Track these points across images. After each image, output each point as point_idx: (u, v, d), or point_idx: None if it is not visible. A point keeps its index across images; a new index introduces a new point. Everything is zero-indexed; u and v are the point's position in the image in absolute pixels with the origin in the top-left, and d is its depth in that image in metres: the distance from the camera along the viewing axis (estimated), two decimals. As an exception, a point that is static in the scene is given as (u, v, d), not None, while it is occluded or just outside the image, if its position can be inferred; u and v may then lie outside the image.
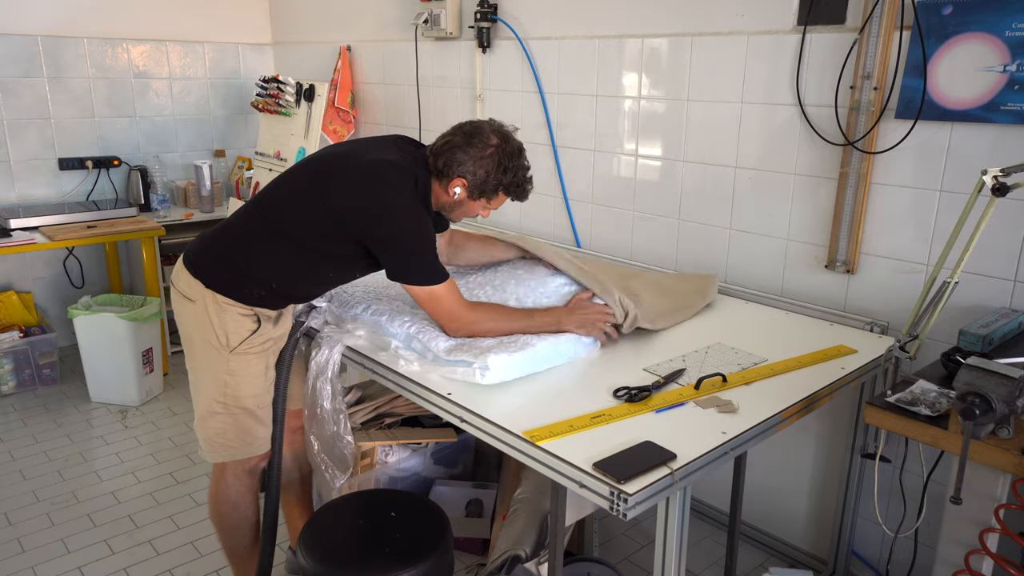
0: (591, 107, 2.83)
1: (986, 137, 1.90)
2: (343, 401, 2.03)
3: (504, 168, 1.90)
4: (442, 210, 1.98)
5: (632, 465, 1.36)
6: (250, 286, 1.92)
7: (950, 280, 1.58)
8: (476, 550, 2.46)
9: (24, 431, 3.32)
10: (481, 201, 1.94)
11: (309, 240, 1.88)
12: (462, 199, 1.92)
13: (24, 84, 3.82)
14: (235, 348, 1.93)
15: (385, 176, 1.85)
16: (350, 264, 1.96)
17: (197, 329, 1.94)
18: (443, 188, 1.91)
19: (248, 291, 1.92)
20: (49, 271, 4.11)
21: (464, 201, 1.93)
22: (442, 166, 1.88)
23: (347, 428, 2.02)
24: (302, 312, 2.13)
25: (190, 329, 1.96)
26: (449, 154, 1.88)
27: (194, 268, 1.94)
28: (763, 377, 1.78)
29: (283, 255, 1.91)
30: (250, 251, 1.92)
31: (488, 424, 1.56)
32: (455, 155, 1.87)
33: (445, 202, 1.94)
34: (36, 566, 2.44)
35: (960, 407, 1.37)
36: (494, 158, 1.89)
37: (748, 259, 2.46)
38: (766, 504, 2.55)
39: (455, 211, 1.97)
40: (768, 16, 2.26)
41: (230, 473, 2.05)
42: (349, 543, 1.90)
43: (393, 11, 3.62)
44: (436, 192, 1.93)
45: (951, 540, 1.55)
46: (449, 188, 1.90)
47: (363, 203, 1.82)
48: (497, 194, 1.94)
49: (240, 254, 1.92)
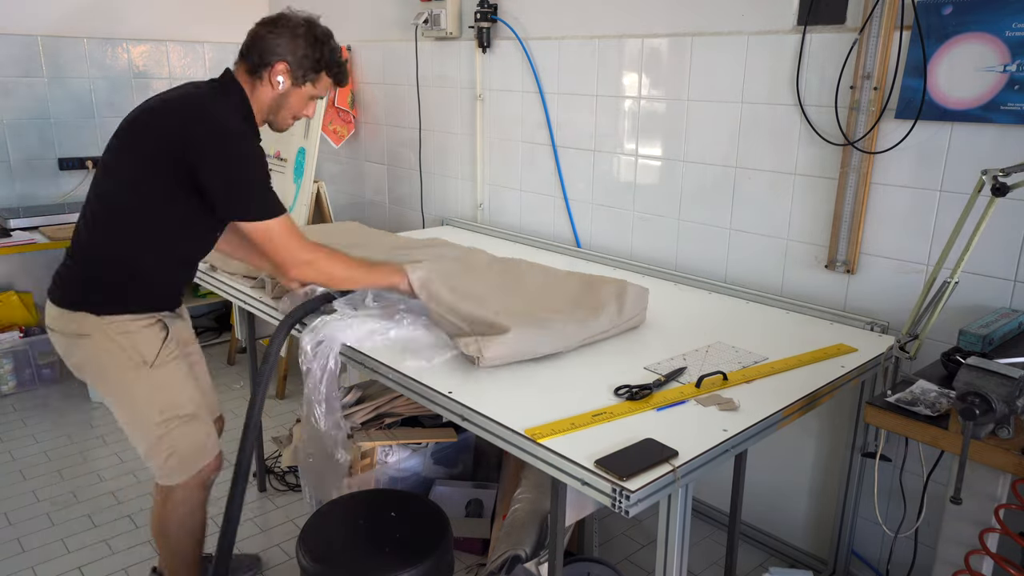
0: (591, 107, 2.83)
1: (986, 137, 1.90)
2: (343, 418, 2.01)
3: (320, 43, 1.86)
4: (270, 115, 1.89)
5: (634, 462, 1.36)
6: (138, 291, 1.85)
7: (950, 280, 1.59)
8: (476, 550, 2.46)
9: (24, 431, 3.31)
10: (307, 88, 1.87)
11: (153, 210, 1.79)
12: (287, 88, 1.85)
13: (24, 84, 3.82)
14: (154, 362, 1.87)
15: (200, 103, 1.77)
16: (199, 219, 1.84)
17: (108, 361, 1.85)
18: (264, 84, 1.84)
19: (140, 297, 1.86)
20: (49, 271, 4.05)
21: (290, 91, 1.86)
22: (257, 58, 1.82)
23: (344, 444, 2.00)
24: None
25: (97, 364, 1.87)
26: (261, 43, 1.82)
27: (74, 303, 1.85)
28: (764, 375, 1.78)
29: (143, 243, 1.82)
30: (115, 258, 1.84)
31: (489, 422, 1.56)
32: (267, 42, 1.82)
33: (270, 101, 1.86)
34: (36, 566, 2.44)
35: (960, 407, 1.37)
36: (307, 36, 1.84)
37: (748, 259, 2.46)
38: (766, 504, 2.56)
39: (283, 109, 1.89)
40: (768, 16, 2.27)
41: (180, 491, 1.96)
42: (349, 543, 1.90)
43: (393, 11, 3.62)
44: (257, 98, 1.85)
45: (951, 540, 1.55)
46: (272, 78, 1.83)
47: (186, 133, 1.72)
48: (320, 75, 1.88)
49: (110, 266, 1.84)
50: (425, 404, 1.74)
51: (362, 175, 4.14)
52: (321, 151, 4.07)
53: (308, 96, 1.91)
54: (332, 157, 4.30)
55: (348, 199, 4.28)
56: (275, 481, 2.93)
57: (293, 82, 1.86)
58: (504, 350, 1.75)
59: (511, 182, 3.23)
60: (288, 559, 2.49)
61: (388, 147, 3.89)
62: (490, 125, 3.26)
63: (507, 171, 3.24)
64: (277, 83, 1.84)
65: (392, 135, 3.83)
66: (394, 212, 3.94)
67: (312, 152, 3.52)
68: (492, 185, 3.33)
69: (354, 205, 4.23)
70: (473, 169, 3.38)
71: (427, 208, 3.69)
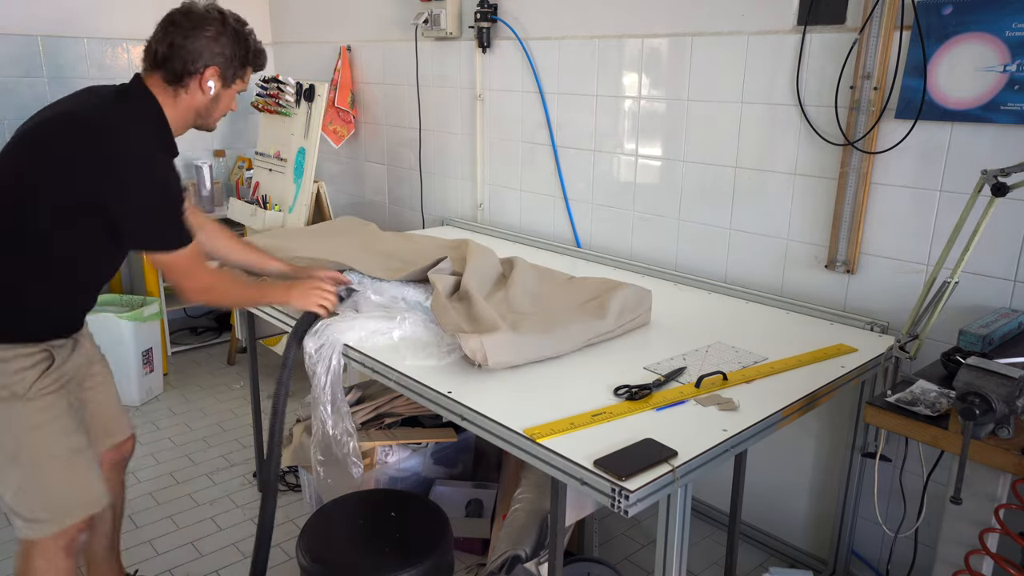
0: (591, 107, 2.83)
1: (986, 137, 1.90)
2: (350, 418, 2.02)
3: (242, 38, 1.77)
4: (198, 120, 1.80)
5: (633, 462, 1.36)
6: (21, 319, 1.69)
7: (950, 280, 1.59)
8: (476, 550, 2.46)
9: (24, 431, 3.31)
10: (236, 85, 1.80)
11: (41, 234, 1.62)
12: (218, 92, 1.76)
13: (24, 84, 3.82)
14: (26, 394, 1.66)
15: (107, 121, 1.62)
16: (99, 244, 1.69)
17: None
18: (192, 92, 1.73)
19: (23, 325, 1.69)
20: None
21: (220, 94, 1.77)
22: (181, 67, 1.68)
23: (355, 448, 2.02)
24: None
25: None
26: (183, 52, 1.68)
27: None
28: (763, 375, 1.78)
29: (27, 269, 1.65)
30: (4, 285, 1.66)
31: (489, 422, 1.56)
32: (190, 49, 1.68)
33: (199, 107, 1.76)
34: (36, 566, 2.44)
35: (960, 407, 1.37)
36: (228, 33, 1.74)
37: (748, 259, 2.46)
38: (766, 504, 2.56)
39: (213, 112, 1.81)
40: (768, 16, 2.26)
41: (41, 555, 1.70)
42: (349, 543, 1.90)
43: (393, 11, 3.62)
44: (181, 106, 1.74)
45: (951, 540, 1.55)
46: (202, 86, 1.72)
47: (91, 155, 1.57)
48: (246, 70, 1.82)
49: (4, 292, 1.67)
50: (425, 404, 1.74)
51: (362, 175, 4.14)
52: (321, 151, 4.06)
53: (235, 92, 1.84)
54: (332, 157, 4.30)
55: (348, 199, 4.28)
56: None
57: (224, 84, 1.78)
58: (508, 356, 1.75)
59: (511, 182, 3.23)
60: (288, 559, 2.49)
61: (388, 147, 3.89)
62: (490, 125, 3.26)
63: (507, 171, 3.24)
64: (208, 88, 1.74)
65: (392, 135, 3.83)
66: (394, 212, 3.94)
67: (312, 152, 3.52)
68: (492, 185, 3.33)
69: (354, 205, 4.23)
70: (473, 169, 3.38)
71: (427, 208, 3.69)
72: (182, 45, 1.68)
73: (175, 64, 1.69)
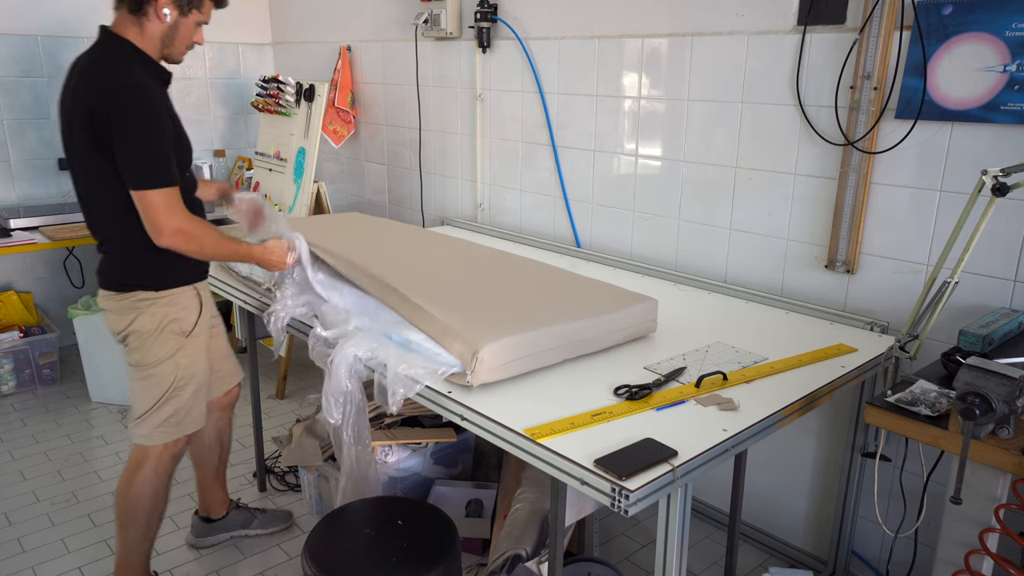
0: (591, 107, 2.83)
1: (986, 137, 1.90)
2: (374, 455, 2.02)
3: None
4: (164, 50, 1.95)
5: (633, 462, 1.36)
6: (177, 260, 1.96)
7: (950, 280, 1.59)
8: (476, 550, 2.46)
9: (24, 431, 3.31)
10: (193, 15, 1.94)
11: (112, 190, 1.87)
12: (175, 20, 1.91)
13: (24, 84, 3.82)
14: (190, 332, 2.06)
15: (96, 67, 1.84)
16: None
17: (154, 330, 2.00)
18: (151, 20, 1.88)
19: (180, 266, 2.00)
20: (49, 271, 4.10)
21: (178, 22, 1.92)
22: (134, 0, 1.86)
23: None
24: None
25: (144, 334, 2.01)
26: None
27: (122, 285, 1.99)
28: (763, 375, 1.78)
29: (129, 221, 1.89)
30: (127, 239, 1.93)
31: (488, 422, 1.56)
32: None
33: (161, 35, 1.91)
34: (36, 566, 2.44)
35: (960, 407, 1.37)
36: None
37: (748, 259, 2.46)
38: (766, 504, 2.56)
39: (174, 42, 1.94)
40: (768, 16, 2.26)
41: (154, 460, 2.10)
42: (356, 552, 1.89)
43: (393, 11, 3.62)
44: (148, 35, 1.90)
45: (951, 540, 1.55)
46: (159, 14, 1.88)
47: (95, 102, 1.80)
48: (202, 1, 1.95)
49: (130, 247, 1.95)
50: (425, 404, 1.74)
51: (362, 175, 4.14)
52: (321, 151, 4.07)
53: (195, 23, 1.97)
54: (332, 157, 4.30)
55: (348, 199, 4.28)
56: (275, 481, 2.93)
57: (180, 11, 1.92)
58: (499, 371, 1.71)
59: (511, 182, 3.23)
60: (288, 559, 2.49)
61: (388, 147, 3.89)
62: (490, 125, 3.26)
63: (507, 171, 3.24)
64: (164, 15, 1.89)
65: (392, 135, 3.83)
66: (394, 212, 3.94)
67: (312, 152, 3.53)
68: (492, 185, 3.33)
69: (354, 205, 4.23)
70: (473, 169, 3.38)
71: (427, 208, 3.69)
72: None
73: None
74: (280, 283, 2.22)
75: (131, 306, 1.99)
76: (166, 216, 1.85)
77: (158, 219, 1.84)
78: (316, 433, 2.66)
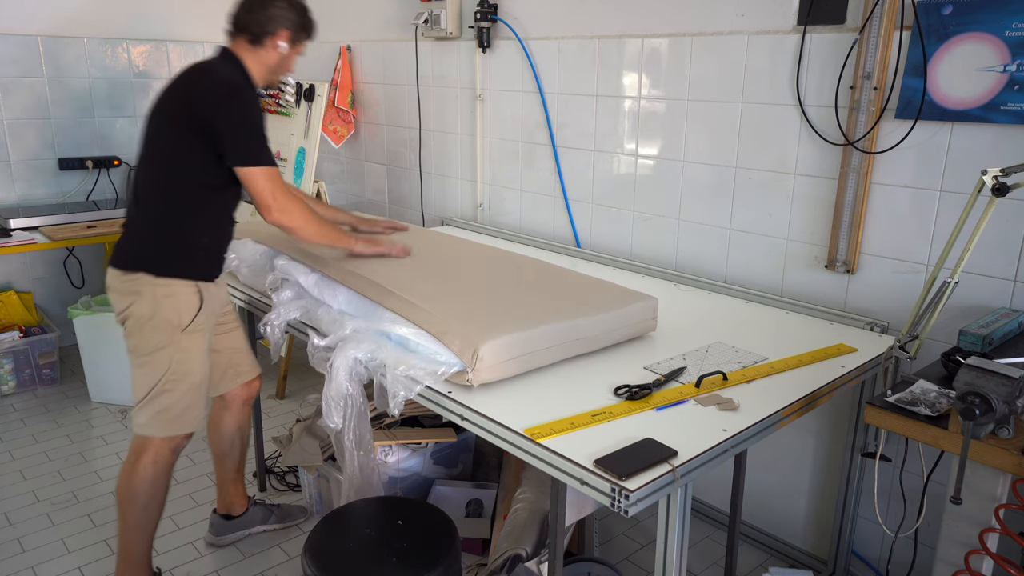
0: (591, 107, 2.83)
1: (986, 137, 1.90)
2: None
3: (303, 10, 2.20)
4: (270, 76, 2.19)
5: (633, 462, 1.36)
6: (190, 254, 2.08)
7: (950, 280, 1.59)
8: (476, 550, 2.46)
9: (24, 431, 3.31)
10: (298, 47, 2.20)
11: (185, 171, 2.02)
12: (286, 52, 2.16)
13: (24, 84, 3.82)
14: (186, 327, 2.08)
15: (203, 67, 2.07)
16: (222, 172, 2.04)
17: (149, 318, 2.05)
18: (267, 50, 2.13)
19: (190, 260, 2.08)
20: (49, 271, 4.11)
21: (287, 54, 2.17)
22: (259, 31, 2.10)
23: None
24: None
25: (138, 318, 2.06)
26: (261, 18, 2.11)
27: (128, 265, 2.06)
28: (763, 375, 1.78)
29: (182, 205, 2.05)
30: (168, 221, 2.06)
31: (488, 422, 1.56)
32: (266, 15, 2.11)
33: (273, 64, 2.16)
34: (36, 566, 2.44)
35: (960, 407, 1.37)
36: (293, 7, 2.16)
37: (748, 259, 2.46)
38: (766, 504, 2.56)
39: (279, 70, 2.20)
40: (768, 16, 2.26)
41: (153, 451, 2.13)
42: (356, 552, 1.88)
43: (393, 11, 3.62)
44: (259, 62, 2.13)
45: (951, 540, 1.55)
46: (275, 45, 2.13)
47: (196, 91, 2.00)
48: (308, 35, 2.22)
49: (161, 233, 2.06)
50: (425, 404, 1.74)
51: (362, 175, 4.14)
52: (321, 151, 4.07)
53: (297, 53, 2.22)
54: (332, 157, 4.30)
55: (348, 199, 4.28)
56: (275, 481, 2.93)
57: (291, 44, 2.17)
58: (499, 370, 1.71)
59: (511, 182, 3.23)
60: (288, 559, 2.49)
61: (388, 147, 3.89)
62: (490, 125, 3.26)
63: (507, 171, 3.24)
64: (280, 47, 2.14)
65: (392, 135, 3.83)
66: (394, 212, 3.94)
67: (312, 152, 3.52)
68: (492, 185, 3.33)
69: (354, 205, 4.23)
70: (473, 169, 3.38)
71: (427, 208, 3.69)
72: (262, 13, 2.11)
73: (253, 27, 2.11)
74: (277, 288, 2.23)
75: (132, 288, 2.05)
76: (280, 196, 2.02)
77: (271, 198, 2.01)
78: (316, 433, 2.66)
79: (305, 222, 2.08)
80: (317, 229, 2.11)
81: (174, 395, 2.09)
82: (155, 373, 2.08)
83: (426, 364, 1.74)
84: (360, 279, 2.07)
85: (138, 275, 2.04)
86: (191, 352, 2.10)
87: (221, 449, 2.48)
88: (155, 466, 2.13)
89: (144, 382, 2.09)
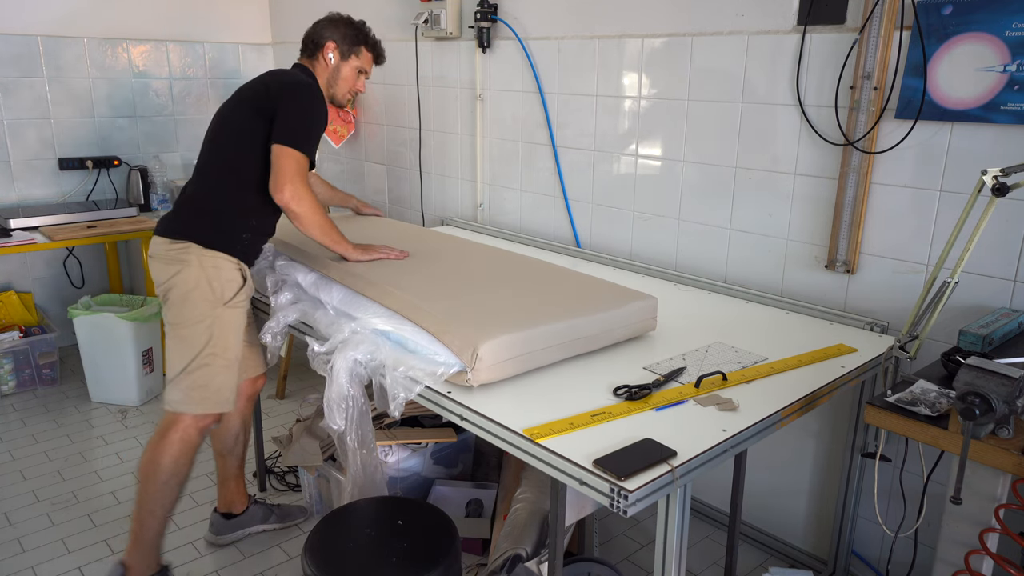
0: (591, 107, 2.83)
1: (986, 137, 1.90)
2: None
3: (357, 26, 2.35)
4: (330, 89, 2.34)
5: (632, 462, 1.36)
6: (237, 232, 2.15)
7: (950, 280, 1.59)
8: (476, 550, 2.46)
9: (24, 431, 3.31)
10: (352, 60, 2.33)
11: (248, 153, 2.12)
12: (337, 63, 2.32)
13: (24, 84, 3.82)
14: (228, 301, 2.12)
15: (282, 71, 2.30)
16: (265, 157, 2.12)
17: (194, 288, 2.09)
18: (320, 63, 2.31)
19: (236, 238, 2.15)
20: (49, 271, 4.11)
21: (340, 65, 2.32)
22: (312, 45, 2.31)
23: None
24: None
25: (184, 289, 2.10)
26: (314, 35, 2.32)
27: (178, 233, 2.12)
28: (763, 375, 1.78)
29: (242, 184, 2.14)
30: (224, 196, 2.15)
31: (488, 422, 1.56)
32: (317, 31, 2.32)
33: (327, 76, 2.32)
34: (36, 566, 2.44)
35: (960, 407, 1.37)
36: (346, 22, 2.34)
37: (748, 259, 2.46)
38: (766, 504, 2.56)
39: (337, 83, 2.34)
40: (768, 16, 2.26)
41: (183, 428, 2.14)
42: (356, 552, 1.88)
43: (393, 11, 3.62)
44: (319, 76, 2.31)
45: (951, 540, 1.55)
46: (325, 57, 2.30)
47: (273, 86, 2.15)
48: (361, 49, 2.35)
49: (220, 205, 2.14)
50: (425, 404, 1.74)
51: (362, 175, 4.14)
52: (321, 151, 4.07)
53: (355, 69, 2.35)
54: (332, 157, 4.30)
55: (348, 199, 4.27)
56: (275, 481, 2.93)
57: (341, 56, 2.31)
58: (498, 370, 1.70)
59: (511, 182, 3.23)
60: (288, 559, 2.49)
61: (388, 147, 3.89)
62: (490, 125, 3.26)
63: (507, 171, 3.24)
64: (329, 59, 2.31)
65: (392, 135, 3.83)
66: (394, 212, 3.94)
67: (312, 152, 3.52)
68: (492, 185, 3.33)
69: (354, 205, 4.23)
70: (473, 169, 3.38)
71: (427, 208, 3.69)
72: (314, 29, 2.33)
73: (308, 44, 2.33)
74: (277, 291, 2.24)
75: (177, 257, 2.10)
76: (297, 182, 2.07)
77: (289, 179, 2.05)
78: (316, 433, 2.66)
79: (312, 212, 2.10)
80: (320, 223, 2.13)
81: (211, 370, 2.11)
82: (194, 346, 2.10)
83: (425, 364, 1.74)
84: (359, 279, 2.07)
85: (188, 244, 2.09)
86: (230, 328, 2.14)
87: (224, 445, 2.49)
88: (182, 443, 2.14)
89: (182, 355, 2.11)
